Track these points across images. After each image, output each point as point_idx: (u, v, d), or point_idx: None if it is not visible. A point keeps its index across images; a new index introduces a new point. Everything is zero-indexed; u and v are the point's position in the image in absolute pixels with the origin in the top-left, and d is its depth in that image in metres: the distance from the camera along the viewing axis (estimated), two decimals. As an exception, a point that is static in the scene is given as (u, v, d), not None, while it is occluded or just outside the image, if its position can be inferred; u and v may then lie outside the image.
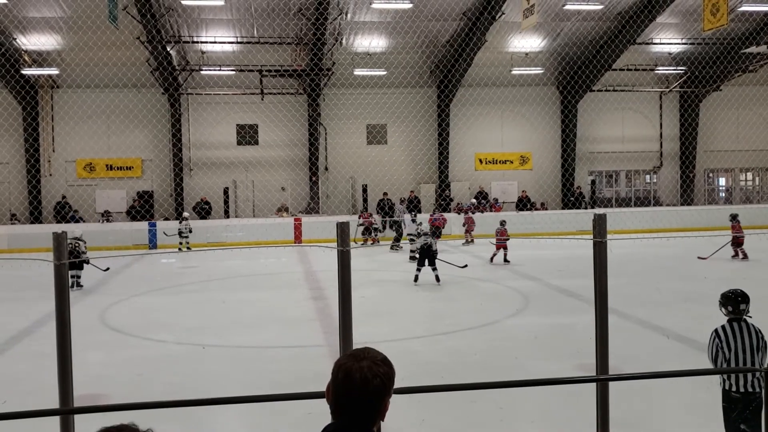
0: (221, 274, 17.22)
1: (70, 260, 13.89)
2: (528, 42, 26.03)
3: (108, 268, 16.40)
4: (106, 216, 25.49)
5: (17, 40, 23.79)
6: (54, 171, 26.73)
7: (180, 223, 22.44)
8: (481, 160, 29.13)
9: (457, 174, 28.69)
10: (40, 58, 24.96)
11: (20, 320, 11.25)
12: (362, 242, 22.88)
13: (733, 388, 4.81)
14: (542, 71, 27.79)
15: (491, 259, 18.00)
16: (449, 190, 28.19)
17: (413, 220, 18.58)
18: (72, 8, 21.83)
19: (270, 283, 15.78)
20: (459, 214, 25.65)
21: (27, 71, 24.94)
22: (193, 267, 18.50)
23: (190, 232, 22.14)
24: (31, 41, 24.00)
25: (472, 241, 22.59)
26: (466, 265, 15.64)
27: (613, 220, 5.71)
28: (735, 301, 4.99)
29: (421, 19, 23.47)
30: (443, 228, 22.83)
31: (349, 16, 23.63)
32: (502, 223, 18.82)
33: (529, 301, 12.47)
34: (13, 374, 8.35)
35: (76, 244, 14.36)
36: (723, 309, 5.09)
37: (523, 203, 26.99)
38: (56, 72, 25.30)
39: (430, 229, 20.06)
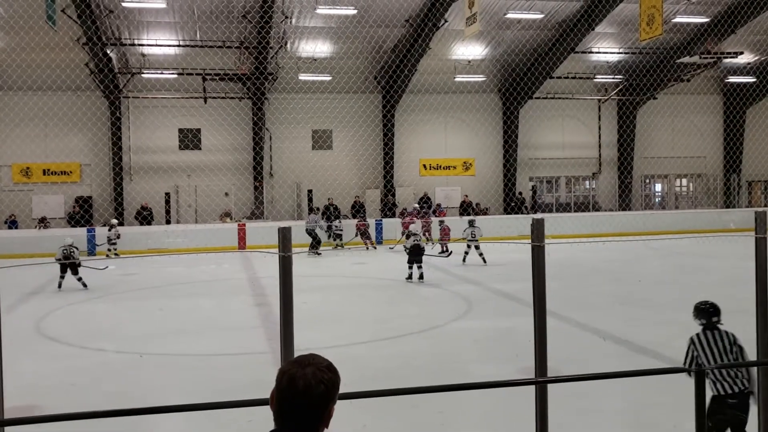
0: (162, 281, 16.88)
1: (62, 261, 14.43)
2: (471, 50, 26.42)
3: (107, 267, 18.02)
4: (43, 222, 24.66)
5: (-54, 40, 22.87)
6: (-13, 175, 25.74)
7: (109, 230, 21.71)
8: (425, 166, 29.38)
9: (402, 179, 28.86)
10: (-28, 59, 24.04)
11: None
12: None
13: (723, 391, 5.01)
14: (485, 79, 28.22)
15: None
16: (394, 196, 28.32)
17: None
18: (5, 8, 21.11)
19: (213, 290, 15.55)
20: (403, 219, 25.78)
21: (-43, 72, 23.97)
22: (133, 274, 18.08)
23: (118, 238, 21.45)
24: (-39, 42, 23.11)
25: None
26: (450, 253, 17.85)
27: (552, 225, 5.85)
28: (707, 314, 5.29)
29: (364, 25, 23.54)
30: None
31: (293, 20, 23.52)
32: (440, 222, 20.19)
33: (472, 305, 12.63)
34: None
35: (72, 250, 15.01)
36: (696, 320, 5.34)
37: (464, 208, 27.31)
38: (-10, 74, 24.39)
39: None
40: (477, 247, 17.98)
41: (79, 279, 15.17)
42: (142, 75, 25.36)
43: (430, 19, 23.30)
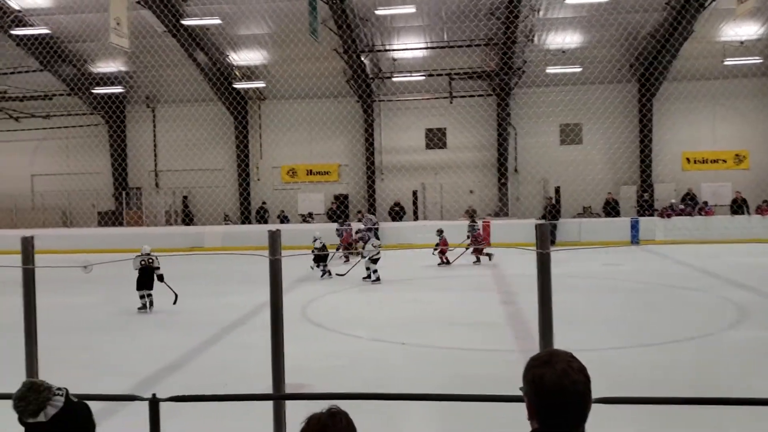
0: (412, 274, 17.52)
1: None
2: (743, 30, 23.65)
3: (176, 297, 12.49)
4: (309, 217, 27.03)
5: (229, 56, 26.07)
6: (261, 176, 28.91)
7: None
8: (689, 160, 26.95)
9: (662, 175, 26.78)
10: (249, 72, 27.11)
11: (231, 312, 12.16)
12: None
13: None
14: (761, 61, 25.08)
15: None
16: (652, 192, 26.38)
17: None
18: (277, 24, 23.43)
19: (460, 284, 15.75)
20: (664, 217, 24.05)
21: (238, 85, 27.20)
22: (387, 267, 18.94)
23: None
24: (241, 57, 26.19)
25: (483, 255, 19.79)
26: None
27: None
28: None
29: (620, 11, 22.26)
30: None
31: (541, 13, 23.00)
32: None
33: (748, 313, 11.26)
34: (224, 362, 9.01)
35: (151, 260, 12.50)
36: None
37: (738, 205, 24.59)
38: (263, 85, 27.36)
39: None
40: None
41: (149, 295, 12.39)
42: (393, 79, 26.58)
43: (696, -1, 21.31)
